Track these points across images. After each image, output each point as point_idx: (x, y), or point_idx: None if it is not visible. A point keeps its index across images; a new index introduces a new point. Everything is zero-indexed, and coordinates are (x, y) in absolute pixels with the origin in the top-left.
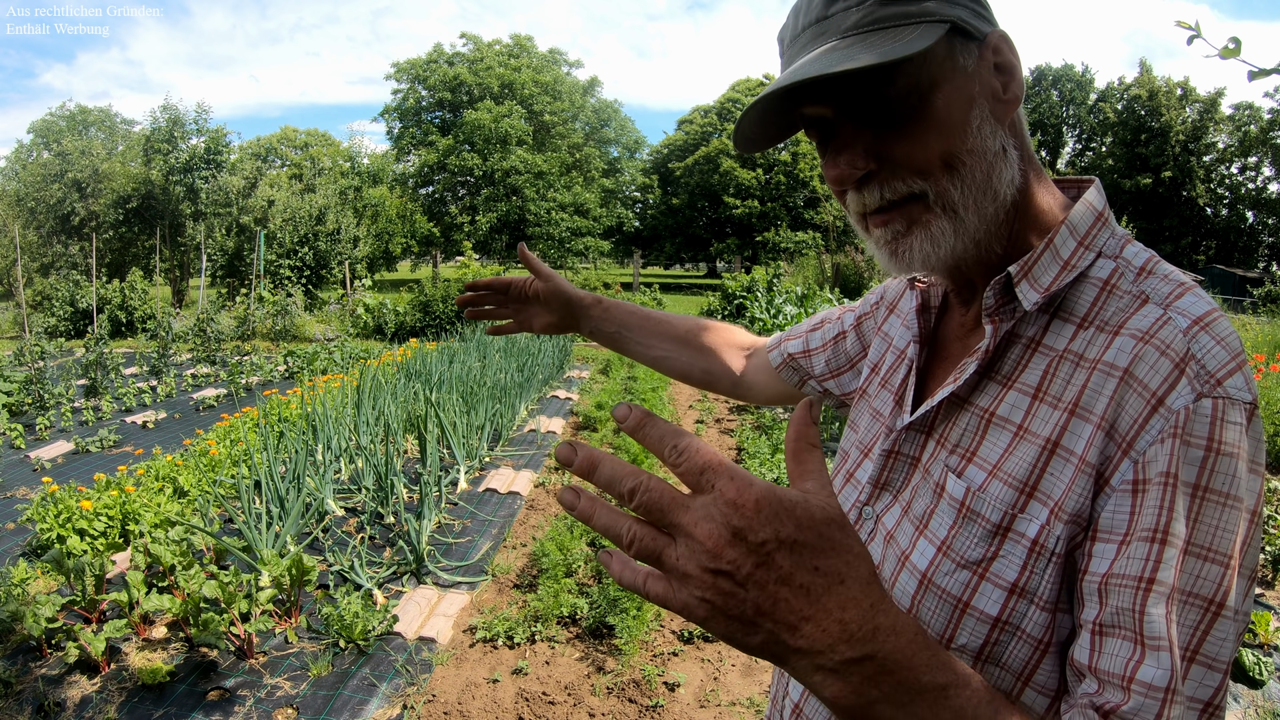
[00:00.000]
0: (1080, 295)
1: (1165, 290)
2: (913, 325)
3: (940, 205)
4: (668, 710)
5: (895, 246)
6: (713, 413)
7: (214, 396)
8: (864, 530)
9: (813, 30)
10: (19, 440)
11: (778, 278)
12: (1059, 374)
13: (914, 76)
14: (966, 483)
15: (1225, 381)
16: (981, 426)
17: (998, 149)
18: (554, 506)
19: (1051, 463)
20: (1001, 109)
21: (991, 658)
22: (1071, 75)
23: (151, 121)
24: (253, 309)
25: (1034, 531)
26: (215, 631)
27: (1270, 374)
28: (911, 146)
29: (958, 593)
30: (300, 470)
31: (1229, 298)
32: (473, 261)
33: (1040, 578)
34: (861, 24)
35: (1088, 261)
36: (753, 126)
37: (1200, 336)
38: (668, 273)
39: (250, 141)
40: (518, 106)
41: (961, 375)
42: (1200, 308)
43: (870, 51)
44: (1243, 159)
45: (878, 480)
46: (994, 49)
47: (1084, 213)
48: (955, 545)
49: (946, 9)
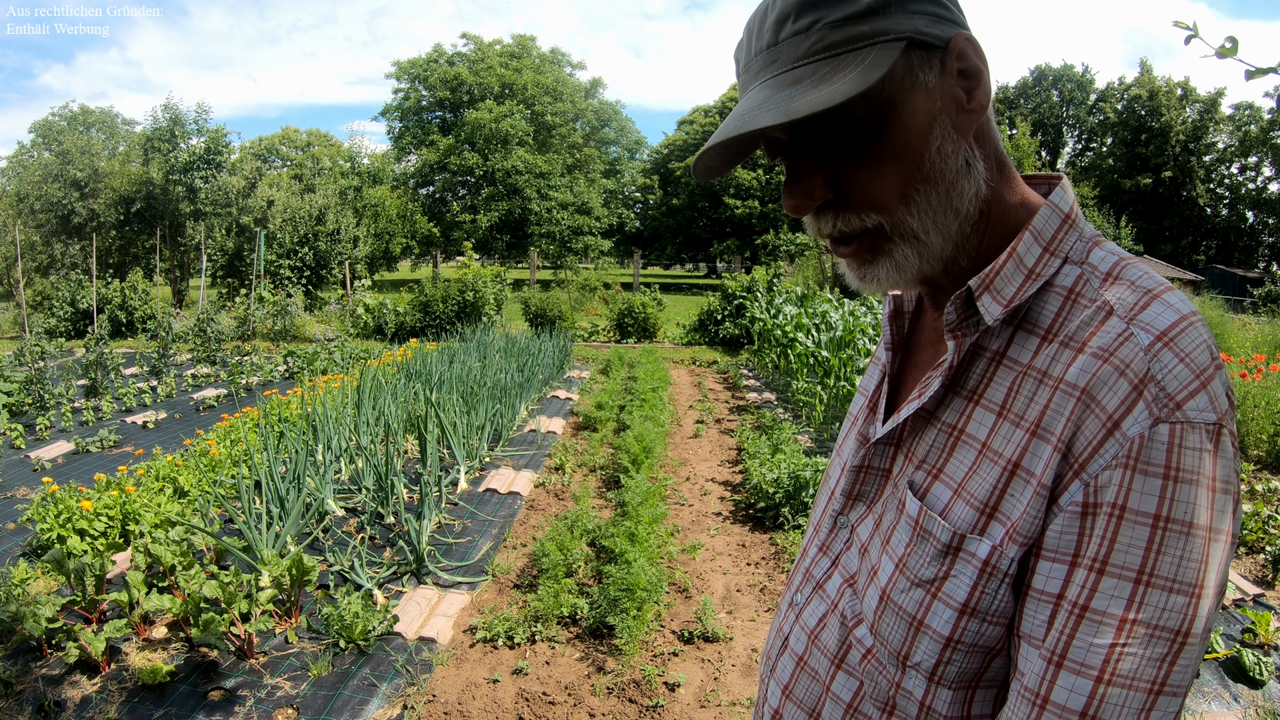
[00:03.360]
0: (1044, 306)
1: (1130, 300)
2: (885, 332)
3: (899, 235)
4: (668, 710)
5: (862, 272)
6: (713, 413)
7: (214, 396)
8: (839, 540)
9: (764, 57)
10: (19, 440)
11: (778, 278)
12: (1022, 391)
13: (871, 101)
14: (928, 502)
15: (1186, 404)
16: (948, 444)
17: (959, 165)
18: (554, 506)
19: (1012, 484)
20: (965, 120)
21: (944, 679)
22: (1071, 75)
23: (152, 121)
24: (253, 309)
25: (985, 552)
26: (215, 631)
27: (1270, 374)
28: (868, 179)
29: (913, 610)
30: (300, 470)
31: (1229, 298)
32: (473, 261)
33: (992, 598)
34: (812, 52)
35: (1053, 269)
36: (714, 159)
37: (1162, 354)
38: (668, 273)
39: (252, 141)
40: (519, 107)
41: (927, 390)
42: (1165, 319)
43: (819, 89)
44: (1243, 159)
45: (850, 492)
46: (958, 54)
47: (1049, 216)
48: (910, 563)
49: (902, 22)
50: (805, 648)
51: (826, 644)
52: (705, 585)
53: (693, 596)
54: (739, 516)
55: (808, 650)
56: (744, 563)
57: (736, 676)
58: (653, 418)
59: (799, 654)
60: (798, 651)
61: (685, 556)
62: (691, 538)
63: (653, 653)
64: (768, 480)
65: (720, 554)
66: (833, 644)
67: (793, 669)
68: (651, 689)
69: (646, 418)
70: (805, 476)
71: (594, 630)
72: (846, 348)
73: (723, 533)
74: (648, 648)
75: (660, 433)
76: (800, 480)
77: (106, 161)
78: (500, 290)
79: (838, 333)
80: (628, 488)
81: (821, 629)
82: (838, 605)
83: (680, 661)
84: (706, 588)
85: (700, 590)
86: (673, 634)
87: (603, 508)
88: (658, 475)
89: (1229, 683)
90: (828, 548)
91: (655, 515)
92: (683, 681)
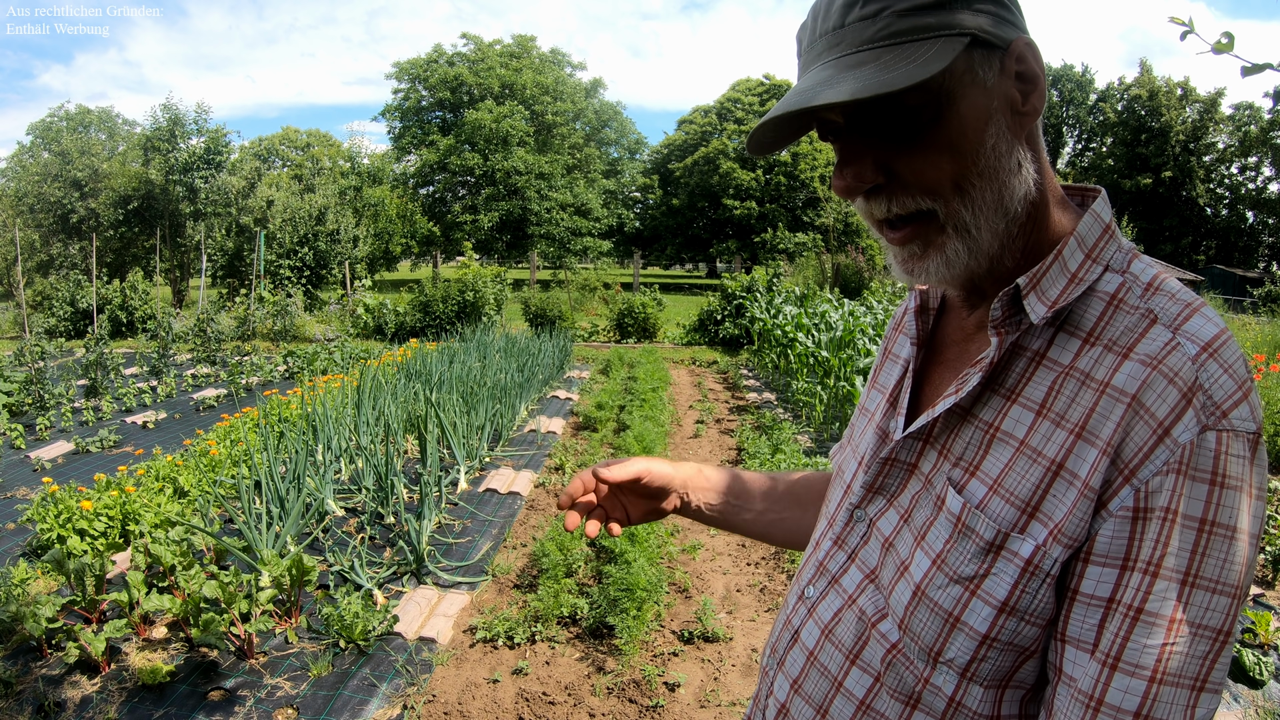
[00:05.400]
0: (1087, 310)
1: (1174, 311)
2: (910, 328)
3: (952, 226)
4: (668, 710)
5: (910, 266)
6: (713, 413)
7: (214, 397)
8: (856, 534)
9: (829, 39)
10: (19, 440)
11: (778, 278)
12: (1064, 391)
13: (930, 92)
14: (966, 498)
15: (1231, 413)
16: (985, 441)
17: (1012, 166)
18: (554, 506)
19: (1055, 484)
20: (1019, 122)
21: (976, 676)
22: (1071, 75)
23: (152, 121)
24: (253, 309)
25: (1028, 551)
26: (215, 632)
27: (1270, 374)
28: (922, 166)
29: (949, 607)
30: (300, 470)
31: (1229, 298)
32: (473, 261)
33: (1033, 598)
34: (878, 37)
35: (1095, 275)
36: (768, 134)
37: (1208, 364)
38: (668, 273)
39: (252, 141)
40: (519, 107)
41: (964, 386)
42: (1208, 331)
43: (883, 74)
44: (1243, 159)
45: (871, 485)
46: (1017, 57)
47: (1091, 224)
48: (949, 560)
49: (968, 19)
50: (817, 642)
51: (841, 639)
52: (705, 585)
53: (693, 596)
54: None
55: (819, 645)
56: (744, 563)
57: (736, 676)
58: (653, 418)
59: (810, 648)
60: (809, 646)
61: (685, 556)
62: (691, 538)
63: (653, 653)
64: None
65: (720, 554)
66: (849, 639)
67: (803, 663)
68: (651, 689)
69: (646, 418)
70: None
71: (594, 630)
72: (846, 348)
73: (723, 533)
74: (648, 648)
75: (660, 433)
76: None
77: (106, 162)
78: (500, 290)
79: (838, 333)
80: None
81: (836, 624)
82: (855, 600)
83: (680, 661)
84: (706, 588)
85: (700, 590)
86: (673, 634)
87: None
88: None
89: (1229, 683)
90: (843, 541)
91: None
92: (683, 681)
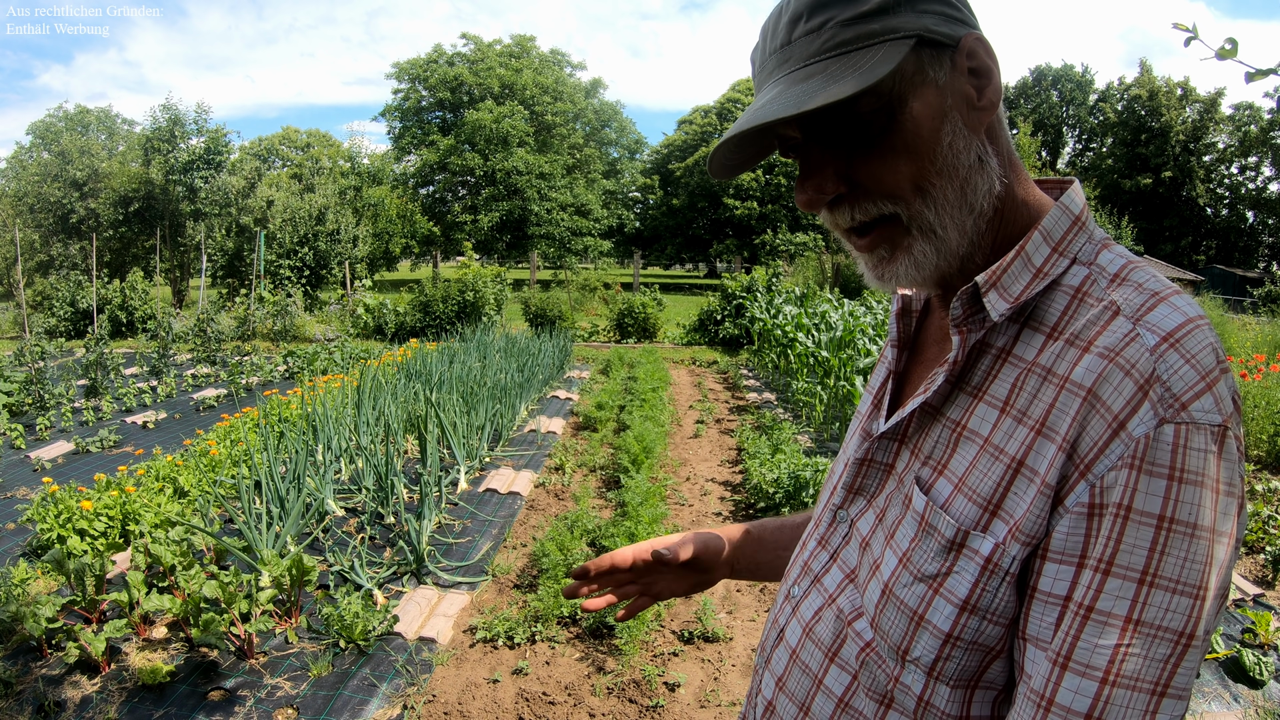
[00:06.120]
0: (1051, 304)
1: (1137, 301)
2: (892, 330)
3: (917, 227)
4: (668, 710)
5: (880, 270)
6: (713, 413)
7: (214, 397)
8: (838, 534)
9: (778, 56)
10: (19, 440)
11: (777, 278)
12: (1026, 387)
13: (881, 97)
14: (931, 497)
15: (1191, 405)
16: (953, 439)
17: (972, 161)
18: (554, 507)
19: (1016, 482)
20: (976, 117)
21: (943, 675)
22: (1071, 75)
23: (151, 121)
24: (253, 309)
25: (988, 549)
26: (215, 632)
27: (1270, 374)
28: (881, 171)
29: (914, 605)
30: (300, 470)
31: (1229, 298)
32: (473, 261)
33: (993, 596)
34: (824, 49)
35: (1061, 268)
36: (729, 156)
37: (1168, 355)
38: (668, 273)
39: (252, 142)
40: (519, 107)
41: (931, 386)
42: (1172, 321)
43: (829, 85)
44: (1243, 159)
45: (851, 485)
46: (968, 53)
47: (1059, 217)
48: (914, 558)
49: (912, 20)
50: (799, 640)
51: (821, 637)
52: None
53: (693, 596)
54: (739, 516)
55: (801, 643)
56: None
57: (736, 676)
58: (653, 418)
59: (793, 647)
60: (792, 644)
61: None
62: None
63: (653, 653)
64: (768, 480)
65: None
66: (827, 637)
67: (787, 661)
68: (651, 689)
69: (646, 418)
70: (805, 477)
71: (594, 630)
72: (846, 348)
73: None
74: (648, 648)
75: (660, 433)
76: (800, 480)
77: (106, 162)
78: (500, 290)
79: (837, 333)
80: (628, 488)
81: (817, 622)
82: (835, 600)
83: (680, 661)
84: None
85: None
86: (673, 634)
87: (603, 508)
88: (658, 475)
89: (1229, 683)
90: (826, 541)
91: (655, 515)
92: (683, 681)
